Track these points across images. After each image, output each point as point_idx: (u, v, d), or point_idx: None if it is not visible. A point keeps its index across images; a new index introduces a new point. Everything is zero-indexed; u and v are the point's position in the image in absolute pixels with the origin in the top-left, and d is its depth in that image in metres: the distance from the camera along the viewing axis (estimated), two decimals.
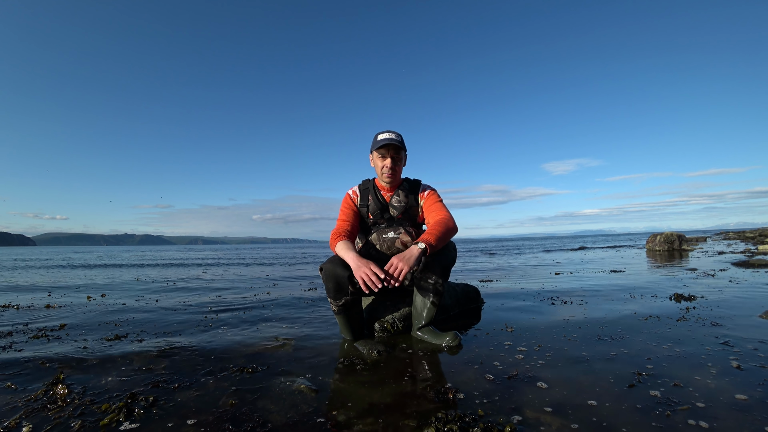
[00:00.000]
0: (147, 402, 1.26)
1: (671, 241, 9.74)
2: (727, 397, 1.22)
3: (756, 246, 9.61)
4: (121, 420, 1.14)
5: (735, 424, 1.06)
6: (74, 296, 3.96)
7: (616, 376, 1.39)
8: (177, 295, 3.91)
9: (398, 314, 2.09)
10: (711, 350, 1.67)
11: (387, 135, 1.97)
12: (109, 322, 2.55)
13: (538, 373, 1.44)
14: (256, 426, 1.10)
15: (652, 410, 1.14)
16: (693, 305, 2.61)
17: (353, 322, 1.90)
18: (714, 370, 1.43)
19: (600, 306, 2.71)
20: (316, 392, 1.33)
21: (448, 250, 1.89)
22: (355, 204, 2.10)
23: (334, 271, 1.76)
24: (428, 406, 1.20)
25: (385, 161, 1.98)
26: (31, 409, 1.22)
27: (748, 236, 16.42)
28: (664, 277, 4.39)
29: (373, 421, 1.12)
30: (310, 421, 1.13)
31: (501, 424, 1.08)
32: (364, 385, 1.39)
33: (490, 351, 1.73)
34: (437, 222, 1.89)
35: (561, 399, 1.23)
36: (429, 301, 1.90)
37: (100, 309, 3.08)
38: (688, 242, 9.95)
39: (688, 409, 1.14)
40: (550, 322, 2.26)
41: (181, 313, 2.82)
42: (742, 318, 2.24)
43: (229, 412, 1.19)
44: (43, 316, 2.81)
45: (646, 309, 2.55)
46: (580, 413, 1.13)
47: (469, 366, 1.55)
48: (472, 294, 2.76)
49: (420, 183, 2.15)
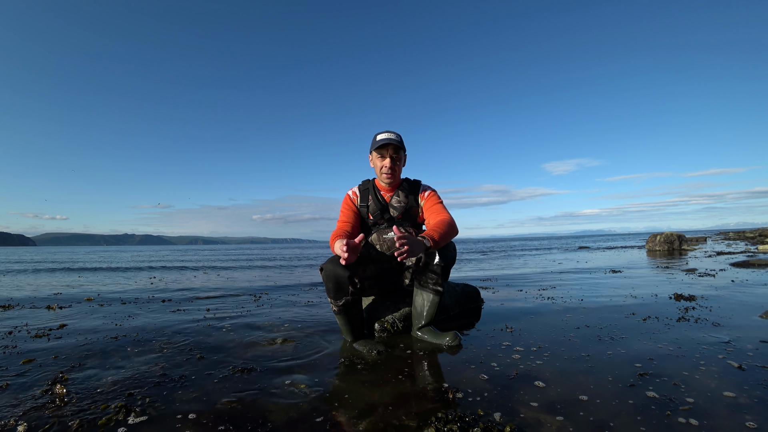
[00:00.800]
0: (146, 402, 1.26)
1: (671, 241, 9.74)
2: (728, 397, 1.22)
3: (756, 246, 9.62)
4: (120, 420, 1.14)
5: (735, 424, 1.06)
6: (74, 297, 3.96)
7: (615, 376, 1.39)
8: (177, 295, 3.90)
9: (398, 314, 2.09)
10: (711, 350, 1.66)
11: (386, 135, 1.97)
12: (108, 322, 2.55)
13: (538, 373, 1.44)
14: (256, 426, 1.10)
15: (652, 410, 1.14)
16: (693, 305, 2.61)
17: (353, 322, 1.90)
18: (714, 370, 1.43)
19: (600, 306, 2.70)
20: (316, 392, 1.32)
21: (448, 251, 1.89)
22: (355, 204, 2.10)
23: (334, 271, 1.76)
24: (428, 405, 1.20)
25: (384, 161, 1.98)
26: (30, 409, 1.22)
27: (748, 236, 16.42)
28: (664, 277, 4.39)
29: (373, 420, 1.12)
30: (310, 421, 1.13)
31: (501, 423, 1.08)
32: (365, 384, 1.39)
33: (489, 351, 1.73)
34: (440, 222, 1.89)
35: (561, 399, 1.23)
36: (429, 301, 1.90)
37: (100, 309, 3.08)
38: (688, 242, 9.95)
39: (689, 409, 1.14)
40: (550, 322, 2.26)
41: (180, 313, 2.82)
42: (742, 318, 2.24)
43: (229, 411, 1.19)
44: (43, 315, 2.81)
45: (646, 309, 2.54)
46: (580, 413, 1.13)
47: (468, 366, 1.55)
48: (472, 294, 2.76)
49: (420, 183, 2.15)
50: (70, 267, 9.71)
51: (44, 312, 2.97)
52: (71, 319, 2.64)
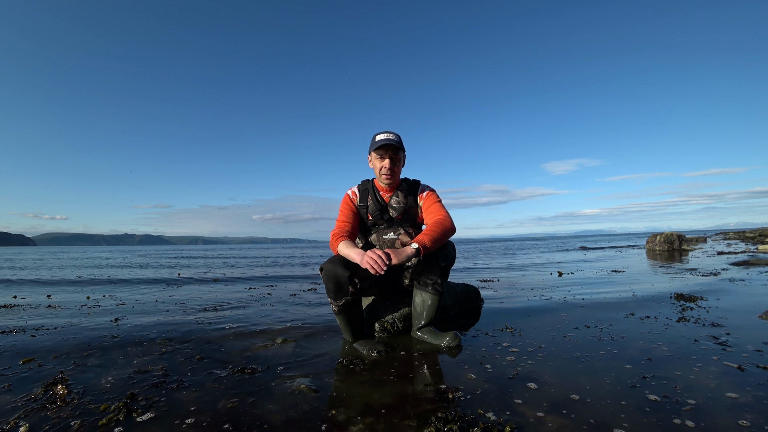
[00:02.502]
0: (146, 402, 1.26)
1: (671, 241, 9.74)
2: (728, 398, 1.22)
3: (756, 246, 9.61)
4: (121, 420, 1.14)
5: (735, 424, 1.06)
6: (74, 296, 3.96)
7: (615, 377, 1.39)
8: (176, 295, 3.90)
9: (398, 314, 2.09)
10: (711, 351, 1.67)
11: (385, 135, 1.97)
12: (108, 322, 2.55)
13: (538, 373, 1.44)
14: (256, 426, 1.10)
15: (652, 411, 1.14)
16: (693, 305, 2.61)
17: (353, 322, 1.90)
18: (714, 371, 1.43)
19: (599, 306, 2.71)
20: (316, 392, 1.33)
21: (448, 251, 1.89)
22: (354, 205, 2.10)
23: (334, 272, 1.76)
24: (428, 406, 1.20)
25: (383, 162, 1.98)
26: (30, 409, 1.22)
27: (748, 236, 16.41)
28: (664, 277, 4.39)
29: (373, 421, 1.12)
30: (310, 421, 1.13)
31: (501, 423, 1.08)
32: (364, 385, 1.39)
33: (489, 351, 1.73)
34: (434, 223, 1.88)
35: (561, 399, 1.23)
36: (428, 302, 1.90)
37: (100, 309, 3.08)
38: (688, 242, 9.95)
39: (689, 410, 1.14)
40: (550, 322, 2.26)
41: (179, 313, 2.82)
42: (742, 318, 2.24)
43: (229, 412, 1.19)
44: (43, 316, 2.81)
45: (646, 309, 2.55)
46: (579, 413, 1.13)
47: (468, 366, 1.55)
48: (472, 294, 2.76)
49: (419, 183, 2.15)
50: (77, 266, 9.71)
51: (44, 311, 2.97)
52: (71, 319, 2.64)
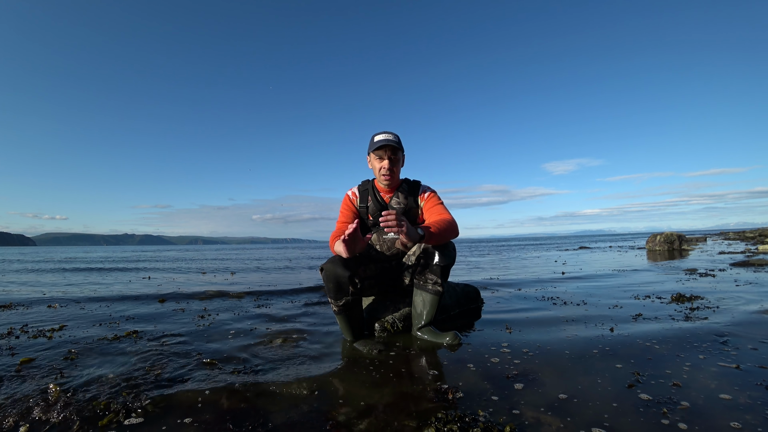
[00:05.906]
0: (146, 401, 1.26)
1: (671, 241, 9.75)
2: (727, 397, 1.22)
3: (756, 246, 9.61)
4: (121, 420, 1.14)
5: (734, 425, 1.06)
6: (74, 297, 3.96)
7: (614, 377, 1.40)
8: (176, 295, 3.91)
9: (398, 314, 2.09)
10: (710, 350, 1.67)
11: (384, 136, 1.97)
12: (107, 321, 2.55)
13: (538, 373, 1.45)
14: (256, 426, 1.11)
15: (651, 410, 1.14)
16: (693, 305, 2.62)
17: (353, 322, 1.90)
18: (713, 371, 1.44)
19: (599, 306, 2.71)
20: (316, 392, 1.33)
21: (448, 251, 1.89)
22: (354, 205, 2.10)
23: (334, 272, 1.76)
24: (428, 405, 1.21)
25: (382, 162, 1.97)
26: (30, 409, 1.22)
27: (748, 236, 16.40)
28: (664, 277, 4.39)
29: (373, 420, 1.12)
30: (310, 421, 1.13)
31: (501, 423, 1.08)
32: (364, 384, 1.39)
33: (489, 351, 1.74)
34: (440, 219, 1.86)
35: (560, 399, 1.23)
36: (429, 301, 1.90)
37: (99, 308, 3.08)
38: (688, 242, 9.95)
39: (687, 408, 1.15)
40: (549, 322, 2.26)
41: (179, 313, 2.82)
42: (742, 318, 2.24)
43: (229, 411, 1.19)
44: (44, 314, 2.81)
45: (646, 309, 2.55)
46: (579, 413, 1.13)
47: (468, 366, 1.55)
48: (472, 294, 2.76)
49: (420, 184, 2.15)
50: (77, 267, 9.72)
51: (44, 310, 2.98)
52: (71, 319, 2.64)
